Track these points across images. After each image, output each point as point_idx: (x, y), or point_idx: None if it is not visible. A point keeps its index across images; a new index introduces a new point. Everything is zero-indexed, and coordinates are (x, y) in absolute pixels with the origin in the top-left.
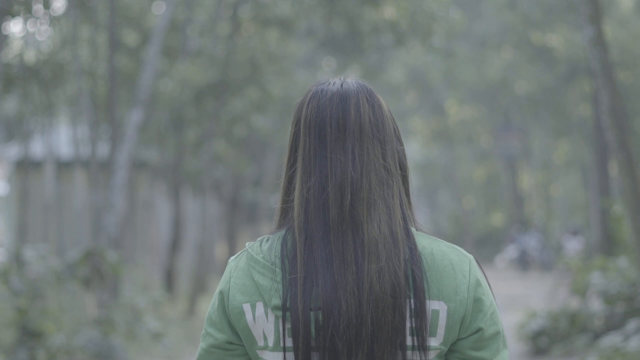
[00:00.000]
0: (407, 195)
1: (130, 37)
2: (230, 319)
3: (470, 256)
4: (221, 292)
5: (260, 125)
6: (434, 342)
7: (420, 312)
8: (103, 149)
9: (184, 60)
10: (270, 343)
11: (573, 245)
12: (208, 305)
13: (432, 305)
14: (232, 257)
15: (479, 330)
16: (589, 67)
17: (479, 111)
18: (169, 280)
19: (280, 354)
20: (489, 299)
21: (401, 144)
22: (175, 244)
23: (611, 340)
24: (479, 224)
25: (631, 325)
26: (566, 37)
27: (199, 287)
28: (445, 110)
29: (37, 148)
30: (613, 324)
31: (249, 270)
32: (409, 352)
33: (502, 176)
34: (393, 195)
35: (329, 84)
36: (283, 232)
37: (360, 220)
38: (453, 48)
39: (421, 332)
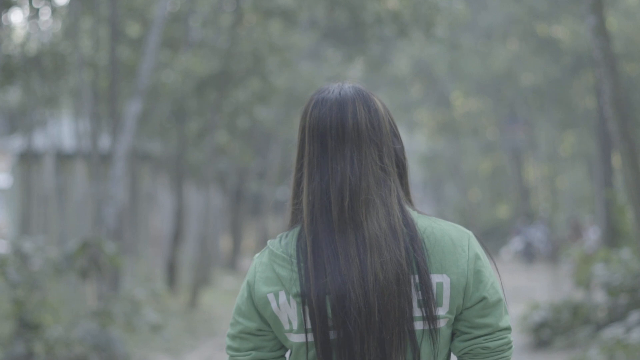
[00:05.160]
0: (408, 185)
1: (132, 29)
2: (257, 309)
3: (469, 232)
4: (248, 284)
5: (263, 117)
6: (441, 312)
7: (426, 286)
8: (105, 141)
9: (186, 51)
10: (295, 326)
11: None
12: (210, 298)
13: (436, 278)
14: (257, 254)
15: (483, 299)
16: (593, 58)
17: (484, 103)
18: (171, 272)
19: (304, 335)
20: (488, 271)
21: (399, 141)
22: (177, 236)
23: (613, 332)
24: (485, 216)
25: (634, 317)
26: (571, 29)
27: (201, 280)
28: (451, 103)
29: (40, 140)
30: (616, 316)
31: (271, 264)
32: (419, 323)
33: (508, 168)
34: (390, 193)
35: (328, 92)
36: (298, 228)
37: (360, 220)
38: (458, 40)
39: (428, 303)
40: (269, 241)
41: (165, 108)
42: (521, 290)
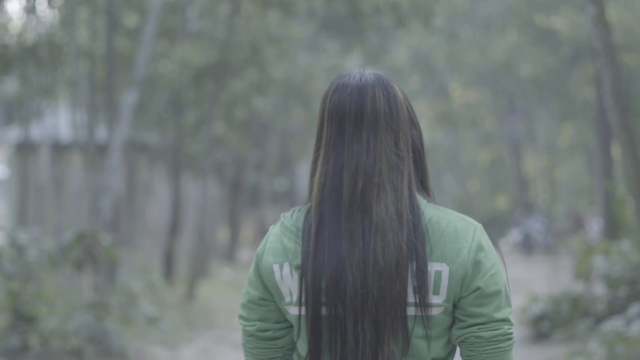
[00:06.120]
0: (425, 171)
1: (129, 19)
2: (262, 278)
3: (478, 224)
4: (257, 255)
5: (261, 108)
6: (438, 300)
7: (422, 274)
8: (101, 132)
9: (184, 41)
10: (294, 299)
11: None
12: (208, 290)
13: (435, 267)
14: (272, 225)
15: (478, 289)
16: (592, 48)
17: (483, 94)
18: (168, 264)
19: (299, 308)
20: (491, 262)
21: (417, 128)
22: (174, 228)
23: (613, 324)
24: (484, 208)
25: (634, 309)
26: (570, 20)
27: (199, 272)
28: (449, 94)
29: (36, 131)
30: (615, 308)
31: (280, 235)
32: (412, 309)
33: (507, 160)
34: (402, 179)
35: (349, 77)
36: (310, 204)
37: (370, 203)
38: (457, 30)
39: (422, 290)
40: (282, 214)
41: (163, 98)
42: (520, 282)
